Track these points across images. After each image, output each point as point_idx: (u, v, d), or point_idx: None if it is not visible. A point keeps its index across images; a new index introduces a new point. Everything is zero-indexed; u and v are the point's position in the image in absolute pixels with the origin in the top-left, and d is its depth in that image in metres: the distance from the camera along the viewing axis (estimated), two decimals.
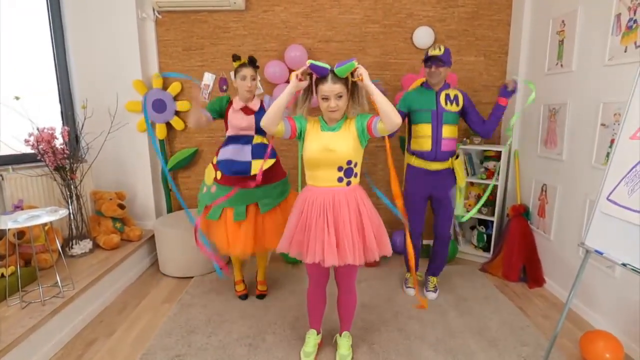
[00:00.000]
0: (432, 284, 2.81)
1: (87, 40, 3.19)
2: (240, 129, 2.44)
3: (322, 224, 1.80)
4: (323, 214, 1.80)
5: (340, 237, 1.79)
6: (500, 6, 3.39)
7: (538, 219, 3.05)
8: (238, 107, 2.44)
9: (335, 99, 1.73)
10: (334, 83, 1.71)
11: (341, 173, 1.82)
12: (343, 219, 1.79)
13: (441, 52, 2.42)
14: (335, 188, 1.83)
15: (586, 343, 2.08)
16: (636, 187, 1.61)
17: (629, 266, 1.60)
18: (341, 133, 1.81)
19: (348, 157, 1.80)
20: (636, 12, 2.15)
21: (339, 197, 1.81)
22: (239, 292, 2.78)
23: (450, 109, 2.51)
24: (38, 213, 2.27)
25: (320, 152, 1.79)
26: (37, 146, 2.64)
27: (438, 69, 2.44)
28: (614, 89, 2.29)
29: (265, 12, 3.38)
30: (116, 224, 3.15)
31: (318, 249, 1.79)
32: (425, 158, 2.55)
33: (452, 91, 2.54)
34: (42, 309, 2.13)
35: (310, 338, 2.13)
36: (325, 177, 1.83)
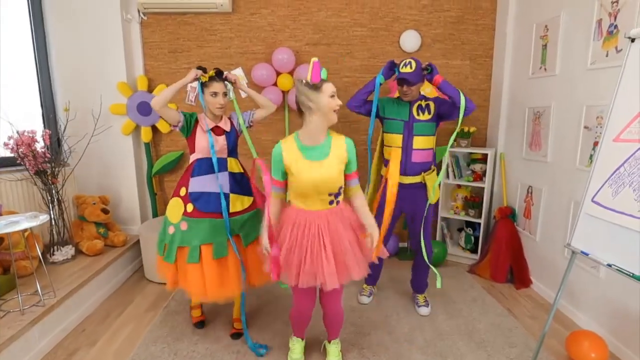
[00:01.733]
0: (421, 299, 2.68)
1: (70, 41, 3.13)
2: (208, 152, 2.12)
3: (319, 248, 1.75)
4: (319, 238, 1.76)
5: (340, 257, 1.77)
6: (485, 11, 3.44)
7: (524, 220, 3.09)
8: (208, 127, 2.12)
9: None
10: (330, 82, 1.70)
11: (332, 197, 1.79)
12: (340, 239, 1.77)
13: (412, 70, 2.26)
14: (327, 210, 1.80)
15: (572, 343, 2.11)
16: (620, 189, 1.64)
17: (614, 267, 1.62)
18: (331, 160, 1.74)
19: (339, 184, 1.78)
20: (616, 18, 2.20)
21: (332, 219, 1.79)
22: (195, 318, 2.45)
23: (422, 119, 2.37)
24: (17, 219, 2.20)
25: (311, 183, 1.72)
26: (17, 150, 2.56)
27: (410, 88, 2.32)
28: (597, 93, 2.33)
29: (253, 15, 3.36)
30: (100, 229, 3.08)
31: (318, 274, 1.75)
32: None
33: (424, 101, 2.41)
34: (21, 319, 2.05)
35: (296, 345, 2.10)
36: (317, 202, 1.79)
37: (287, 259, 1.79)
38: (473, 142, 3.56)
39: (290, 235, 1.79)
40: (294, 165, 1.74)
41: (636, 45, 1.67)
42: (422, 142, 2.38)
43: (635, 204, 1.56)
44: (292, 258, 1.78)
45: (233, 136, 2.22)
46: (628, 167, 1.62)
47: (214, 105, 2.10)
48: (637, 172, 1.57)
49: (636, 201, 1.56)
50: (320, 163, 1.73)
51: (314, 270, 1.75)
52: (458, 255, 3.51)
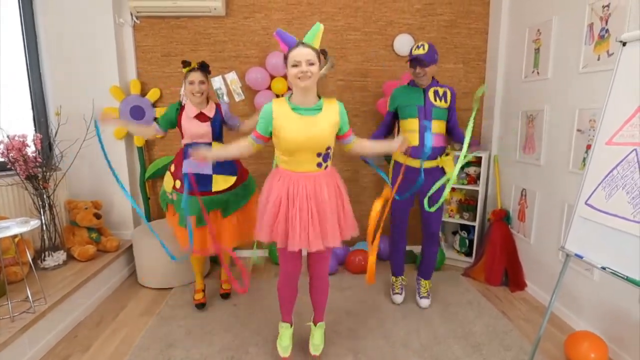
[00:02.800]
0: (424, 289, 2.72)
1: (62, 45, 3.10)
2: (197, 137, 2.38)
3: (306, 211, 1.78)
4: (306, 202, 1.79)
5: (324, 223, 1.80)
6: (478, 15, 3.47)
7: (518, 223, 3.10)
8: (192, 114, 2.38)
9: (307, 64, 1.66)
10: (305, 47, 1.69)
11: (320, 159, 1.81)
12: (324, 204, 1.80)
13: (425, 51, 2.34)
14: (315, 173, 1.82)
15: (571, 344, 2.10)
16: (613, 192, 1.65)
17: (608, 269, 1.63)
18: (322, 117, 1.78)
19: (328, 143, 1.81)
20: (608, 22, 2.22)
21: (320, 182, 1.81)
22: (197, 300, 2.71)
23: (440, 105, 2.44)
24: (8, 224, 2.16)
25: (302, 139, 1.75)
26: (7, 154, 2.53)
27: (423, 69, 2.36)
28: (589, 96, 2.35)
29: (246, 19, 3.36)
30: (92, 235, 3.04)
31: (303, 236, 1.78)
32: (412, 155, 2.42)
33: (441, 88, 2.48)
34: (11, 326, 2.02)
35: (285, 331, 2.11)
36: (304, 163, 1.80)
37: (274, 220, 1.82)
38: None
39: (281, 199, 1.81)
40: (284, 119, 1.76)
41: (627, 49, 1.68)
42: (438, 127, 2.46)
43: (629, 207, 1.57)
44: (279, 219, 1.81)
45: (218, 122, 2.45)
46: (621, 169, 1.63)
47: (190, 90, 2.35)
48: (630, 174, 1.58)
49: (629, 204, 1.57)
50: (310, 118, 1.77)
51: (301, 234, 1.78)
52: (453, 258, 3.51)
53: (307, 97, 1.77)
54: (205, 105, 2.43)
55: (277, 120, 1.77)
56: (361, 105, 3.51)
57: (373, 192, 3.55)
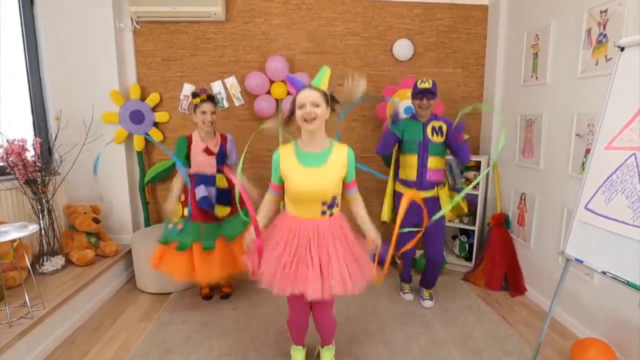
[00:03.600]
0: (427, 293, 2.84)
1: (62, 50, 3.10)
2: (203, 169, 2.60)
3: (305, 257, 1.74)
4: (306, 247, 1.75)
5: (326, 270, 1.73)
6: (477, 20, 3.48)
7: (518, 227, 3.10)
8: (200, 148, 2.57)
9: (311, 105, 1.65)
10: (310, 90, 1.68)
11: (325, 207, 1.77)
12: (328, 250, 1.75)
13: (430, 85, 2.51)
14: (319, 220, 1.78)
15: (578, 351, 2.08)
16: (613, 196, 1.65)
17: (608, 274, 1.63)
18: (328, 167, 1.73)
19: (333, 194, 1.77)
20: (606, 27, 2.23)
21: (323, 229, 1.77)
22: (203, 293, 2.90)
23: (436, 140, 2.58)
24: (6, 229, 2.16)
25: (306, 191, 1.73)
26: (7, 159, 2.53)
27: (429, 101, 2.53)
28: (587, 101, 2.36)
29: (246, 24, 3.37)
30: (91, 239, 3.03)
31: (300, 281, 1.71)
32: (411, 187, 2.61)
33: (437, 122, 2.61)
34: (8, 331, 2.00)
35: (297, 353, 2.09)
36: (308, 211, 1.78)
37: (274, 264, 1.76)
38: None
39: (279, 241, 1.78)
40: (289, 169, 1.75)
41: (626, 54, 1.69)
42: (436, 162, 2.60)
43: (629, 211, 1.57)
44: (279, 264, 1.75)
45: (221, 156, 2.64)
46: (620, 174, 1.63)
47: (203, 121, 2.53)
48: (630, 179, 1.58)
49: (629, 208, 1.57)
50: (316, 170, 1.73)
51: (298, 278, 1.72)
52: (453, 263, 3.50)
53: (314, 140, 1.73)
54: (213, 136, 2.63)
55: (283, 169, 1.77)
56: (360, 109, 3.52)
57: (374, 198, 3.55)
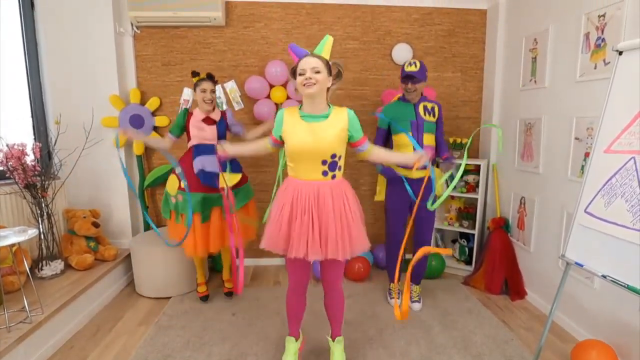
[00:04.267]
0: (415, 293, 2.80)
1: (62, 54, 3.11)
2: (203, 139, 2.61)
3: (307, 219, 1.77)
4: (308, 209, 1.77)
5: (325, 233, 1.77)
6: (475, 25, 3.50)
7: (518, 231, 3.09)
8: (200, 117, 2.62)
9: (312, 72, 1.67)
10: (312, 57, 1.70)
11: (325, 167, 1.79)
12: (327, 214, 1.77)
13: (417, 69, 2.50)
14: (320, 182, 1.80)
15: (579, 352, 2.07)
16: (612, 200, 1.65)
17: (609, 278, 1.62)
18: (328, 122, 1.77)
19: (332, 151, 1.78)
20: (604, 31, 2.24)
21: (324, 191, 1.78)
22: (201, 293, 2.90)
23: (429, 119, 2.60)
24: (5, 233, 2.15)
25: (306, 144, 1.75)
26: (6, 163, 2.53)
27: (414, 85, 2.52)
28: (586, 105, 2.37)
29: (246, 29, 3.39)
30: (90, 243, 3.03)
31: (302, 244, 1.76)
32: (404, 166, 2.53)
33: (429, 103, 2.63)
34: (7, 336, 1.99)
35: (290, 346, 2.09)
36: (309, 171, 1.80)
37: (277, 228, 1.81)
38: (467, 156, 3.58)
39: (284, 204, 1.82)
40: (291, 124, 1.79)
41: (624, 58, 1.70)
42: (429, 139, 2.61)
43: (628, 215, 1.57)
44: (285, 229, 1.80)
45: (222, 127, 2.69)
46: (620, 178, 1.63)
47: (203, 98, 2.58)
48: (629, 182, 1.58)
49: (629, 212, 1.57)
50: (315, 124, 1.77)
51: (301, 242, 1.76)
52: (452, 266, 3.49)
53: (315, 106, 1.77)
54: (212, 111, 2.66)
55: (286, 125, 1.81)
56: (360, 113, 3.49)
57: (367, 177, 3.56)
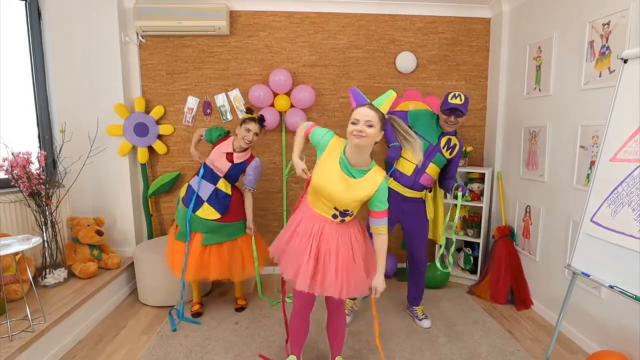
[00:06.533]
0: (420, 312, 2.74)
1: (68, 63, 3.14)
2: (213, 165, 2.65)
3: (305, 248, 1.77)
4: (308, 240, 1.77)
5: (321, 269, 1.75)
6: (479, 33, 3.51)
7: (523, 240, 3.06)
8: (225, 149, 2.64)
9: (365, 124, 1.60)
10: (369, 109, 1.64)
11: (336, 212, 1.78)
12: (327, 251, 1.76)
13: (462, 102, 2.37)
14: (328, 220, 1.80)
15: None
16: (619, 209, 1.63)
17: (616, 288, 1.60)
18: (357, 185, 1.71)
19: (347, 207, 1.76)
20: (608, 39, 2.23)
21: (330, 230, 1.78)
22: (194, 310, 2.85)
23: (445, 154, 2.51)
24: (9, 241, 2.16)
25: (325, 189, 1.72)
26: (12, 171, 2.54)
27: (457, 119, 2.41)
28: (591, 113, 2.35)
29: (250, 37, 3.41)
30: (94, 252, 3.02)
31: (293, 269, 1.78)
32: (402, 182, 2.53)
33: (454, 139, 2.53)
34: (9, 345, 1.99)
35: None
36: (321, 207, 1.80)
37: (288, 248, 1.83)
38: (470, 162, 3.57)
39: (293, 225, 1.85)
40: (328, 159, 1.75)
41: (629, 66, 1.69)
42: (433, 171, 2.54)
43: (635, 224, 1.55)
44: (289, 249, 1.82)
45: (238, 169, 2.68)
46: (626, 186, 1.61)
47: (244, 138, 2.58)
48: (636, 191, 1.56)
49: (635, 221, 1.55)
50: (346, 178, 1.71)
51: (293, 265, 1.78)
52: (457, 276, 3.46)
53: (358, 157, 1.70)
54: (242, 152, 2.66)
55: (324, 152, 1.76)
56: None
57: None
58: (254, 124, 2.58)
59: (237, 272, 2.72)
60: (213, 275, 2.64)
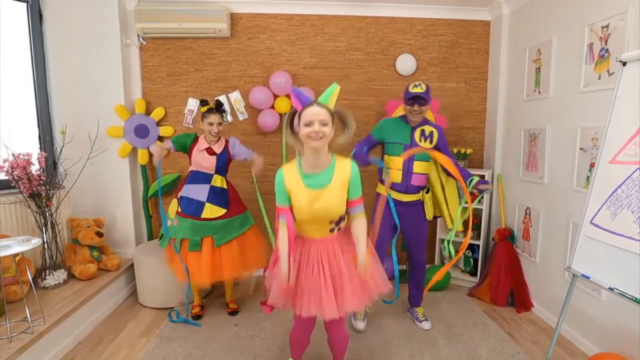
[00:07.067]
0: (420, 314, 2.74)
1: (69, 65, 3.15)
2: (201, 167, 2.65)
3: (318, 276, 1.71)
4: (318, 265, 1.72)
5: (339, 286, 1.71)
6: (479, 35, 3.52)
7: (523, 242, 3.06)
8: (203, 147, 2.65)
9: (319, 124, 1.58)
10: (319, 107, 1.61)
11: (332, 225, 1.75)
12: (339, 266, 1.73)
13: (423, 90, 2.38)
14: (328, 237, 1.77)
15: None
16: (618, 211, 1.63)
17: (616, 290, 1.60)
18: (332, 188, 1.67)
19: (340, 213, 1.73)
20: (607, 42, 2.24)
21: (333, 246, 1.76)
22: (194, 313, 2.83)
23: (424, 146, 2.47)
24: (9, 243, 2.16)
25: (312, 213, 1.68)
26: (12, 172, 2.55)
27: (420, 107, 2.40)
28: (591, 115, 2.35)
29: (251, 40, 3.42)
30: (93, 253, 3.03)
31: (314, 302, 1.68)
32: (397, 189, 2.52)
33: (428, 128, 2.50)
34: (8, 346, 1.98)
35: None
36: (317, 231, 1.76)
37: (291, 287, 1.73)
38: (470, 164, 3.57)
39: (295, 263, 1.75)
40: (294, 192, 1.69)
41: (628, 68, 1.69)
42: (422, 167, 2.50)
43: (635, 226, 1.55)
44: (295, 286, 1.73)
45: (224, 158, 2.69)
46: (625, 188, 1.61)
47: (211, 132, 2.62)
48: (635, 194, 1.57)
49: (635, 223, 1.55)
50: (320, 192, 1.67)
51: (313, 299, 1.69)
52: (457, 278, 3.46)
53: (318, 159, 1.66)
54: (216, 142, 2.68)
55: (288, 186, 1.71)
56: (364, 124, 3.52)
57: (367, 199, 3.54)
58: (213, 115, 2.58)
59: (250, 265, 2.72)
60: (227, 275, 2.65)
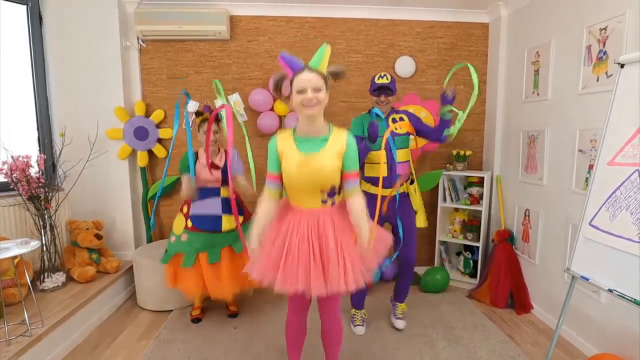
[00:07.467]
0: (399, 310, 2.71)
1: (68, 67, 3.15)
2: (208, 182, 2.64)
3: (307, 251, 1.64)
4: (307, 240, 1.66)
5: (327, 264, 1.65)
6: (477, 38, 3.53)
7: (522, 244, 3.06)
8: (205, 162, 2.60)
9: (313, 91, 1.53)
10: (310, 73, 1.56)
11: (324, 195, 1.69)
12: (329, 243, 1.65)
13: (388, 81, 2.43)
14: (320, 209, 1.70)
15: None
16: (617, 213, 1.63)
17: (615, 292, 1.60)
18: (326, 152, 1.63)
19: (332, 182, 1.67)
20: (605, 44, 2.25)
21: (324, 219, 1.68)
22: (194, 315, 2.82)
23: (400, 132, 2.47)
24: (8, 245, 2.15)
25: (303, 178, 1.63)
26: (11, 175, 2.54)
27: (387, 97, 2.46)
28: (589, 117, 2.36)
29: (250, 42, 3.43)
30: (92, 255, 3.02)
31: (302, 278, 1.62)
32: (384, 185, 2.41)
33: (397, 115, 2.52)
34: (6, 350, 1.98)
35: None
36: (307, 200, 1.70)
37: (274, 258, 1.67)
38: (469, 166, 3.58)
39: (279, 233, 1.71)
40: (286, 154, 1.66)
41: (626, 70, 1.70)
42: (403, 155, 2.51)
43: (634, 228, 1.55)
44: (278, 257, 1.67)
45: (226, 169, 2.62)
46: (624, 190, 1.62)
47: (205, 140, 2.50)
48: (634, 195, 1.57)
49: (634, 225, 1.55)
50: (311, 157, 1.62)
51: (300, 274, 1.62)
52: (457, 279, 3.45)
53: (313, 126, 1.63)
54: (217, 153, 2.67)
55: (280, 150, 1.67)
56: None
57: None
58: (206, 124, 2.51)
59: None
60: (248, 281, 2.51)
